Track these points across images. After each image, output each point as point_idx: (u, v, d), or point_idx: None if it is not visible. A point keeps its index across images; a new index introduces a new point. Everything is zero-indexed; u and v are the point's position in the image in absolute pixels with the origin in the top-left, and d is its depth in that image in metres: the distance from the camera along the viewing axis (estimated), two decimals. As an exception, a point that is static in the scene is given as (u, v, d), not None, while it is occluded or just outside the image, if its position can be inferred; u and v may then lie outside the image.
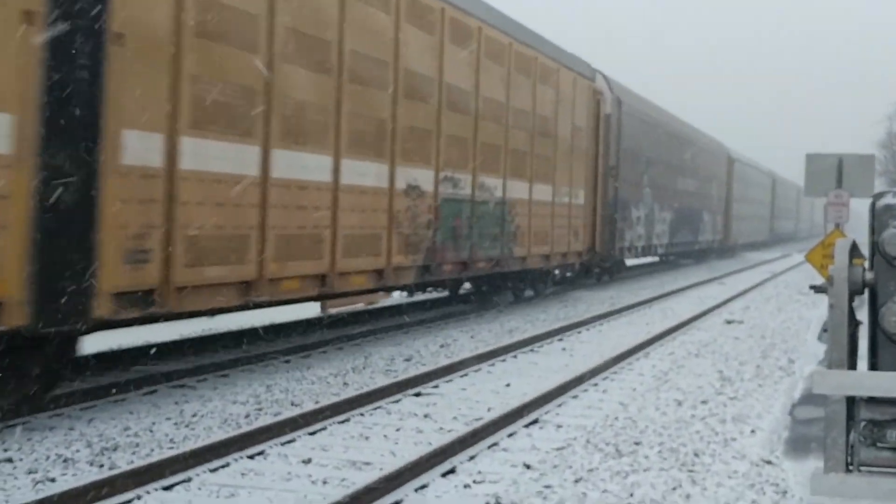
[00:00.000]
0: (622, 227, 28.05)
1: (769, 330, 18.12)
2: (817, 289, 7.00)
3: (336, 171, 12.46)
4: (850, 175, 15.12)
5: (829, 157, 15.28)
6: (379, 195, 13.71)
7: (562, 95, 21.69)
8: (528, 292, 22.58)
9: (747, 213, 54.84)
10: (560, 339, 15.97)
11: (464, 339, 15.64)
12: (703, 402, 10.85)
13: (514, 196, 18.78)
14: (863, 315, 4.99)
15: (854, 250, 4.84)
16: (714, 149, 45.35)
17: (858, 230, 9.36)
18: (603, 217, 25.80)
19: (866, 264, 4.89)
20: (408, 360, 13.30)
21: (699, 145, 41.22)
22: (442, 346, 14.65)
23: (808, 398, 10.54)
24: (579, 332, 17.04)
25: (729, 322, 19.31)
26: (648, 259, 37.41)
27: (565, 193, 22.10)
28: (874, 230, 4.90)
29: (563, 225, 21.97)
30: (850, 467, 4.56)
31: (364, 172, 13.19)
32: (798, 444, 8.91)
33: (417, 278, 15.32)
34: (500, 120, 18.12)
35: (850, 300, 4.68)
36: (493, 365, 13.13)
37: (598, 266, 27.01)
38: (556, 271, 24.18)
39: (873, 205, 4.93)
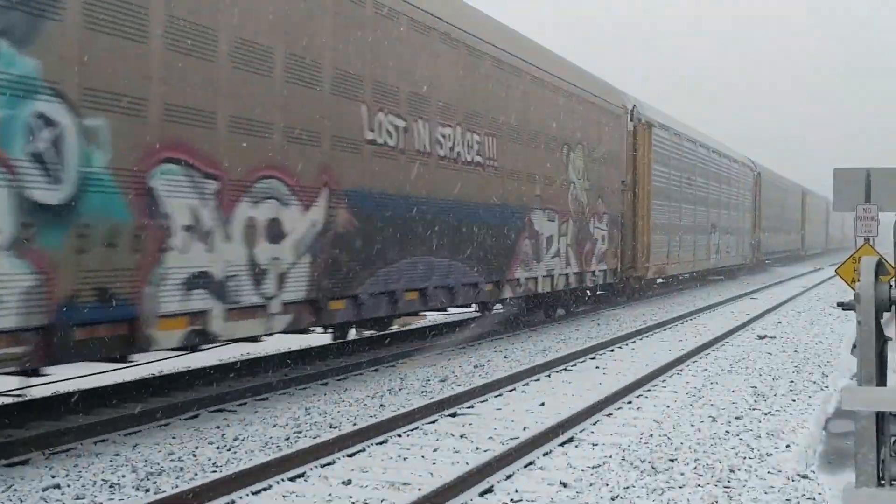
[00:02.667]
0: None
1: (802, 344, 18.12)
2: (845, 306, 7.10)
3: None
4: (879, 189, 15.14)
5: (856, 171, 15.30)
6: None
7: None
8: None
9: (690, 222, 32.61)
10: (593, 358, 16.06)
11: (497, 359, 15.76)
12: (738, 418, 10.91)
13: None
14: (891, 331, 5.09)
15: (880, 267, 4.94)
16: (580, 84, 22.11)
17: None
18: None
19: (893, 281, 4.99)
20: (443, 380, 13.44)
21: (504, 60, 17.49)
22: (476, 367, 14.77)
23: (843, 412, 10.56)
24: (612, 351, 17.12)
25: (761, 337, 19.33)
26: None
27: None
28: None
29: None
30: (882, 482, 4.65)
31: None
32: (833, 458, 8.99)
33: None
34: None
35: (878, 317, 4.78)
36: (527, 384, 13.25)
37: None
38: None
39: None
